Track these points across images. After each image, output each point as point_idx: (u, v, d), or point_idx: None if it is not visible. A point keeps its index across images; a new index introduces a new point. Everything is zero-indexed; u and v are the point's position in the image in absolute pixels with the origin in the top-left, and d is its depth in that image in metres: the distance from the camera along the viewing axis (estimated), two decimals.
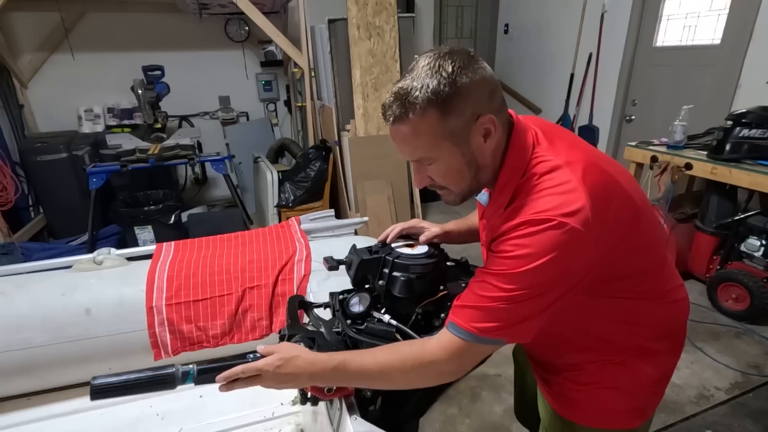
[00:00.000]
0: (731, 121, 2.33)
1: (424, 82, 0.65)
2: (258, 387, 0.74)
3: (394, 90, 0.68)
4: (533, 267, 0.64)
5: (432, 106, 0.64)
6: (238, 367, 0.72)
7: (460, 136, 0.68)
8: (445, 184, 0.74)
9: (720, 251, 2.59)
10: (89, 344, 1.13)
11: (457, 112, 0.66)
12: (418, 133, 0.67)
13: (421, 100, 0.64)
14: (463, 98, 0.65)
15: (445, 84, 0.64)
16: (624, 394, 0.84)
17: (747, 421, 1.81)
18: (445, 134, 0.67)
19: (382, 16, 3.26)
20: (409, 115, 0.66)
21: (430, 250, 0.88)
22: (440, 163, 0.71)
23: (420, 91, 0.64)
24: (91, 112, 3.71)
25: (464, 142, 0.69)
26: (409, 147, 0.70)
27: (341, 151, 3.49)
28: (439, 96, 0.64)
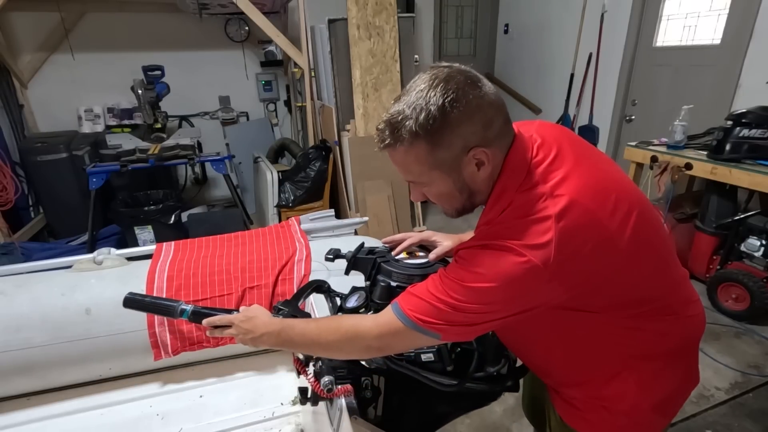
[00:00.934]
0: (731, 121, 2.33)
1: (415, 111, 0.64)
2: (258, 387, 0.75)
3: (386, 116, 0.68)
4: (482, 287, 0.65)
5: (419, 139, 0.65)
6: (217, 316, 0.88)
7: (450, 166, 0.68)
8: (438, 203, 0.76)
9: (720, 251, 2.59)
10: (89, 344, 1.13)
11: (446, 145, 0.66)
12: (408, 161, 0.68)
13: (408, 131, 0.65)
14: (453, 131, 0.65)
15: (433, 117, 0.63)
16: (629, 412, 0.82)
17: (747, 421, 1.81)
18: (434, 164, 0.68)
19: (382, 16, 3.26)
20: (397, 145, 0.67)
21: (427, 263, 0.85)
22: (431, 187, 0.73)
23: (409, 121, 0.64)
24: (91, 112, 3.70)
25: (454, 172, 0.69)
26: (401, 170, 0.72)
27: (341, 151, 3.49)
28: (427, 129, 0.64)
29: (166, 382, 1.24)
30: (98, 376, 1.21)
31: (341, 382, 0.80)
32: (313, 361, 0.86)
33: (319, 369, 0.83)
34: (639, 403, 0.82)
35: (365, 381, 0.84)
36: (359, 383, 0.83)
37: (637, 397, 0.81)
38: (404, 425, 0.91)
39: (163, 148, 2.90)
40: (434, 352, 0.75)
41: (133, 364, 1.22)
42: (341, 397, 0.78)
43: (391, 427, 0.76)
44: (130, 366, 1.22)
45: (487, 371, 0.77)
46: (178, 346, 1.19)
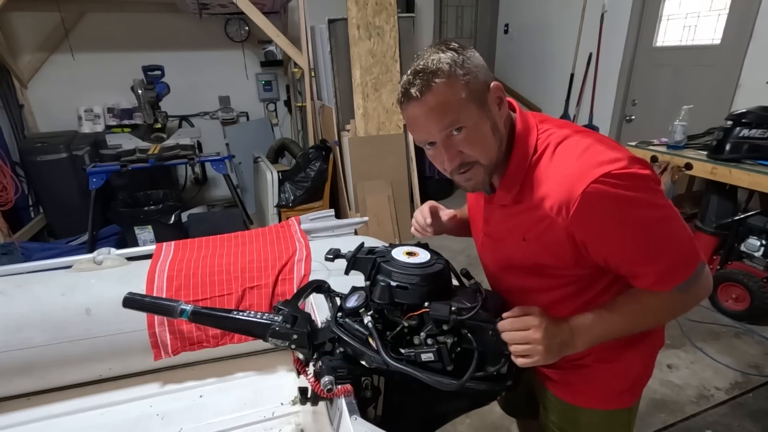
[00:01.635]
0: (731, 121, 2.33)
1: (439, 56, 0.70)
2: (258, 387, 0.74)
3: (410, 71, 0.72)
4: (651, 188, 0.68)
5: (454, 72, 0.69)
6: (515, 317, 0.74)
7: (481, 100, 0.72)
8: (475, 152, 0.74)
9: (720, 251, 2.59)
10: (89, 344, 1.13)
11: (474, 78, 0.71)
12: (447, 97, 0.70)
13: (444, 67, 0.69)
14: (476, 66, 0.72)
15: (458, 55, 0.71)
16: (621, 375, 0.89)
17: (747, 421, 1.81)
18: (469, 97, 0.70)
19: (382, 16, 3.26)
20: (435, 81, 0.69)
21: (427, 263, 0.83)
22: (470, 129, 0.72)
23: (440, 62, 0.69)
24: (91, 112, 3.71)
25: (485, 107, 0.73)
26: (437, 116, 0.71)
27: (341, 151, 3.49)
28: (457, 63, 0.70)
29: (166, 382, 1.24)
30: (98, 376, 1.21)
31: (341, 382, 0.80)
32: (313, 361, 0.86)
33: (319, 369, 0.83)
34: (630, 367, 0.89)
35: (365, 381, 0.84)
36: (359, 383, 0.83)
37: (629, 362, 0.88)
38: (404, 425, 0.91)
39: (163, 148, 2.91)
40: (434, 351, 0.75)
41: (133, 364, 1.22)
42: (341, 397, 0.78)
43: (391, 427, 0.76)
44: (130, 366, 1.22)
45: (487, 371, 0.77)
46: (178, 346, 1.19)
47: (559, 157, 0.72)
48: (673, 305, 0.76)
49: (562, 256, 0.75)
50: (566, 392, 0.93)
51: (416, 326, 0.78)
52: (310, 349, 0.84)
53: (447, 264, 0.85)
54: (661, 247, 0.70)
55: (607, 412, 0.92)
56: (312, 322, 0.87)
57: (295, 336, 0.82)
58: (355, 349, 0.79)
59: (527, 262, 0.81)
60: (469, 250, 0.96)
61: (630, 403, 0.93)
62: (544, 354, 0.70)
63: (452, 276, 0.89)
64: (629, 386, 0.91)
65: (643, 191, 0.67)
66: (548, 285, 0.83)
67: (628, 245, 0.69)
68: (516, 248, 0.81)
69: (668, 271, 0.71)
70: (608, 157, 0.67)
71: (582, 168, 0.68)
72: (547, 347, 0.70)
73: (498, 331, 0.74)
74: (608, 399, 0.91)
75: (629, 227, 0.68)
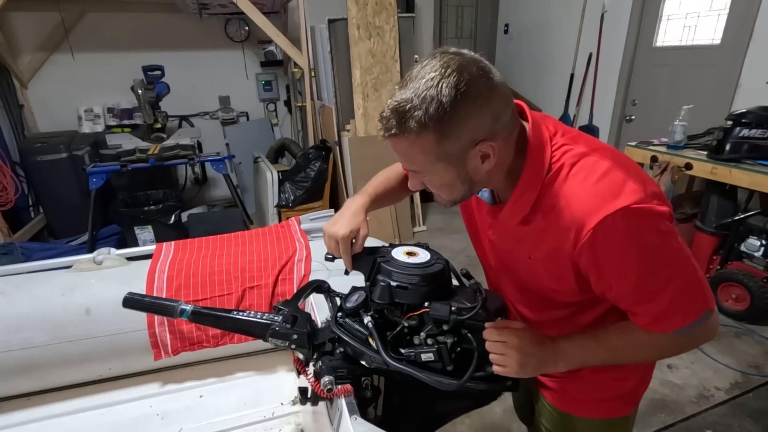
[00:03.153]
0: (731, 121, 2.33)
1: (424, 101, 0.60)
2: (258, 387, 0.74)
3: (393, 103, 0.64)
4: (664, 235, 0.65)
5: (427, 131, 0.61)
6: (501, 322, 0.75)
7: (455, 157, 0.66)
8: (436, 192, 0.75)
9: (720, 251, 2.59)
10: (89, 344, 1.13)
11: (454, 138, 0.63)
12: (413, 151, 0.66)
13: (417, 121, 0.61)
14: (463, 124, 0.62)
15: (444, 109, 0.60)
16: (619, 384, 0.87)
17: (747, 421, 1.81)
18: (439, 156, 0.65)
19: (382, 16, 3.26)
20: (404, 134, 0.63)
21: (427, 263, 0.83)
22: (433, 177, 0.70)
23: (418, 111, 0.60)
24: (91, 112, 3.71)
25: (459, 163, 0.67)
26: (403, 159, 0.71)
27: (341, 151, 3.49)
28: (436, 121, 0.60)
29: (166, 382, 1.24)
30: (98, 376, 1.21)
31: (341, 382, 0.80)
32: (313, 361, 0.86)
33: (319, 369, 0.83)
34: (627, 376, 0.87)
35: (365, 381, 0.84)
36: (359, 383, 0.83)
37: (625, 371, 0.87)
38: (404, 425, 0.91)
39: (163, 148, 2.91)
40: (434, 351, 0.75)
41: (133, 364, 1.22)
42: (341, 397, 0.78)
43: (391, 427, 0.76)
44: (130, 366, 1.22)
45: (487, 371, 0.77)
46: (178, 346, 1.19)
47: (574, 180, 0.67)
48: (666, 346, 0.73)
49: (566, 281, 0.73)
50: (563, 401, 0.91)
51: (416, 326, 0.78)
52: (310, 349, 0.84)
53: (447, 264, 0.85)
54: (663, 291, 0.66)
55: (605, 421, 0.90)
56: (312, 322, 0.87)
57: (295, 336, 0.82)
58: (355, 349, 0.79)
59: (529, 279, 0.80)
60: (469, 250, 0.96)
61: (628, 411, 0.91)
62: (517, 367, 0.71)
63: (452, 276, 0.88)
64: (627, 395, 0.89)
65: (657, 233, 0.64)
66: (544, 305, 0.82)
67: (631, 283, 0.67)
68: (521, 264, 0.79)
69: (667, 315, 0.68)
70: (627, 188, 0.63)
71: (598, 198, 0.64)
72: (521, 362, 0.71)
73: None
74: (606, 408, 0.89)
75: (635, 266, 0.65)
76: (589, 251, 0.65)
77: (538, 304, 0.84)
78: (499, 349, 0.72)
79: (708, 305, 0.68)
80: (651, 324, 0.70)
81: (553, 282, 0.76)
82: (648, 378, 0.92)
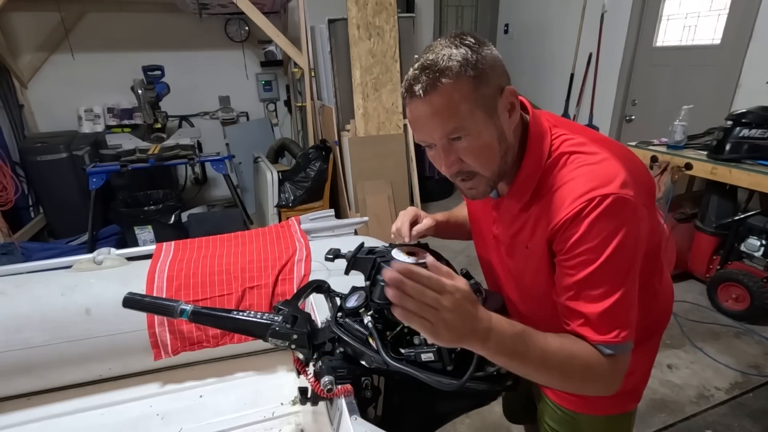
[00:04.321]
0: (731, 121, 2.33)
1: (451, 51, 0.64)
2: (258, 387, 0.74)
3: (417, 65, 0.65)
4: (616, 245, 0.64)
5: (465, 73, 0.63)
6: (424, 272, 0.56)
7: (490, 106, 0.66)
8: (476, 163, 0.69)
9: (720, 251, 2.59)
10: (89, 344, 1.13)
11: (487, 81, 0.65)
12: (452, 100, 0.64)
13: (453, 65, 0.63)
14: (490, 67, 0.65)
15: (473, 52, 0.64)
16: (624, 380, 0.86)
17: (747, 421, 1.81)
18: (478, 102, 0.65)
19: (382, 16, 3.26)
20: (442, 80, 0.62)
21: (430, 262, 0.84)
22: (473, 137, 0.67)
23: (450, 59, 0.63)
24: (91, 112, 3.71)
25: (494, 114, 0.67)
26: (440, 120, 0.65)
27: (341, 151, 3.49)
28: (470, 63, 0.63)
29: (166, 382, 1.24)
30: (98, 376, 1.21)
31: (341, 382, 0.80)
32: (313, 361, 0.86)
33: (319, 369, 0.83)
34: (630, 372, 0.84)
35: (365, 381, 0.84)
36: (359, 383, 0.83)
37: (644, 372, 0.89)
38: (404, 425, 0.91)
39: (163, 148, 2.91)
40: (434, 351, 0.75)
41: (133, 364, 1.22)
42: (341, 397, 0.78)
43: (391, 427, 0.76)
44: (130, 366, 1.22)
45: (487, 371, 0.77)
46: (178, 346, 1.19)
47: (570, 167, 0.69)
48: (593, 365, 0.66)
49: (543, 268, 0.73)
50: (567, 399, 0.91)
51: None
52: (310, 349, 0.84)
53: (447, 264, 0.85)
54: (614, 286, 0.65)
55: (609, 417, 0.90)
56: (312, 322, 0.86)
57: (295, 336, 0.82)
58: (355, 349, 0.79)
59: (527, 274, 0.80)
60: (469, 250, 0.96)
61: (632, 406, 0.92)
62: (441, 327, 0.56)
63: None
64: (631, 390, 0.90)
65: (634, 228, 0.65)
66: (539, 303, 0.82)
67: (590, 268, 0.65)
68: (519, 257, 0.80)
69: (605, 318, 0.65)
70: (618, 179, 0.64)
71: (588, 183, 0.65)
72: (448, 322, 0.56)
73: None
74: (610, 404, 0.88)
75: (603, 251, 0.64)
76: (568, 226, 0.66)
77: (535, 303, 0.84)
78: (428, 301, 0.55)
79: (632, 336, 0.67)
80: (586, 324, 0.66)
81: (538, 274, 0.76)
82: (648, 373, 0.93)
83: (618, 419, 0.91)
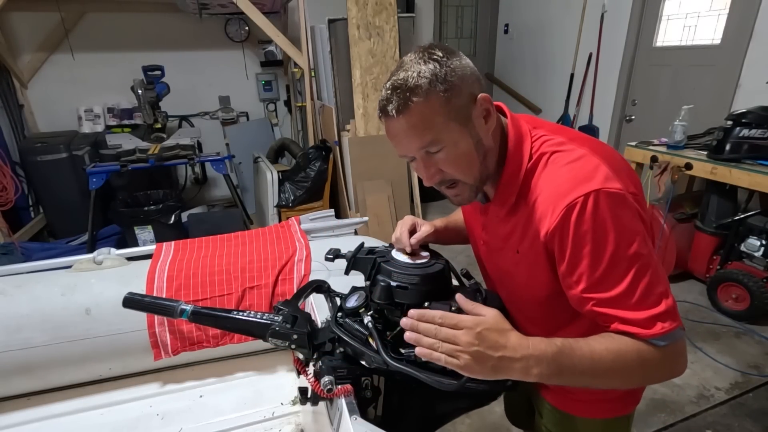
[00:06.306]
0: (731, 121, 2.33)
1: (420, 68, 0.65)
2: (258, 387, 0.74)
3: (389, 85, 0.67)
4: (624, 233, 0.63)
5: (434, 88, 0.65)
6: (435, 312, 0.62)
7: (464, 115, 0.68)
8: (456, 172, 0.72)
9: (720, 251, 2.59)
10: (89, 344, 1.13)
11: (458, 92, 0.66)
12: (425, 117, 0.66)
13: (423, 83, 0.65)
14: (459, 78, 0.67)
15: (441, 66, 0.65)
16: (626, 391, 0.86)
17: (747, 421, 1.81)
18: (450, 114, 0.67)
19: (382, 16, 3.26)
20: (413, 99, 0.65)
21: (427, 263, 0.83)
22: (449, 148, 0.69)
23: (419, 76, 0.65)
24: (91, 112, 3.71)
25: (469, 123, 0.69)
26: (415, 135, 0.68)
27: (341, 151, 3.49)
28: (439, 78, 0.65)
29: (166, 382, 1.24)
30: (98, 376, 1.21)
31: (341, 382, 0.80)
32: (313, 361, 0.86)
33: (319, 369, 0.83)
34: None
35: (365, 381, 0.84)
36: (359, 383, 0.83)
37: None
38: (404, 425, 0.91)
39: (163, 148, 2.91)
40: None
41: (133, 364, 1.22)
42: (341, 397, 0.78)
43: (391, 427, 0.76)
44: (130, 366, 1.22)
45: None
46: (178, 346, 1.19)
47: (551, 168, 0.69)
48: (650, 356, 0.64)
49: (542, 274, 0.72)
50: (564, 402, 0.91)
51: None
52: (310, 349, 0.84)
53: (447, 264, 0.85)
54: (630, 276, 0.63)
55: (607, 420, 0.90)
56: (312, 322, 0.86)
57: (295, 336, 0.82)
58: (355, 349, 0.79)
59: (518, 281, 0.79)
60: (469, 250, 0.96)
61: (629, 410, 0.91)
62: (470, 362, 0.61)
63: (452, 276, 0.88)
64: (629, 394, 0.89)
65: (627, 218, 0.64)
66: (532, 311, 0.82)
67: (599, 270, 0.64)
68: (511, 260, 0.79)
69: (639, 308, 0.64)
70: (600, 173, 0.64)
71: (571, 181, 0.65)
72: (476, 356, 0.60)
73: None
74: (608, 408, 0.89)
75: (604, 249, 0.63)
76: (560, 233, 0.65)
77: (525, 305, 0.83)
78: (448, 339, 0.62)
79: (679, 321, 0.65)
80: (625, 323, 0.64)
81: (534, 278, 0.75)
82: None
83: (616, 422, 0.91)
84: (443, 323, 0.62)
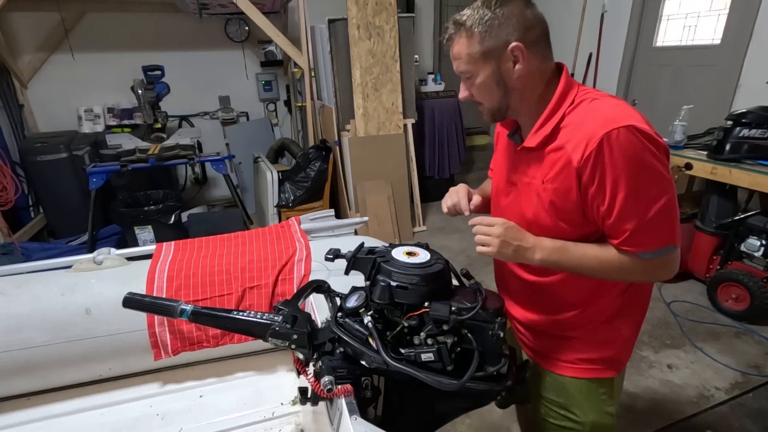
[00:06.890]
0: (731, 121, 2.33)
1: (475, 10, 0.82)
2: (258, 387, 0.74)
3: (453, 18, 0.85)
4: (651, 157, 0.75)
5: (474, 30, 0.81)
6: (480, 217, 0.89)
7: (493, 56, 0.82)
8: (478, 97, 0.88)
9: (720, 251, 2.59)
10: (89, 344, 1.13)
11: (494, 36, 0.81)
12: (462, 50, 0.84)
13: (467, 24, 0.82)
14: (500, 26, 0.80)
15: (488, 12, 0.80)
16: (604, 348, 0.96)
17: (747, 421, 1.81)
18: (481, 53, 0.82)
19: (382, 16, 3.26)
20: (457, 34, 0.84)
21: (427, 262, 0.83)
22: (475, 78, 0.86)
23: (469, 18, 0.82)
24: (91, 112, 3.71)
25: (495, 62, 0.83)
26: (455, 61, 0.87)
27: (341, 151, 3.49)
28: (482, 22, 0.80)
29: (166, 382, 1.24)
30: (98, 376, 1.21)
31: (341, 382, 0.80)
32: (313, 361, 0.86)
33: (319, 369, 0.83)
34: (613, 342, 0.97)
35: (365, 381, 0.84)
36: (359, 383, 0.83)
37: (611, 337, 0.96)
38: (404, 425, 0.91)
39: (163, 148, 2.91)
40: (434, 351, 0.75)
41: (133, 364, 1.22)
42: (341, 397, 0.78)
43: (391, 427, 0.76)
44: (130, 366, 1.22)
45: (487, 371, 0.77)
46: (178, 346, 1.19)
47: (593, 108, 0.81)
48: (630, 267, 0.83)
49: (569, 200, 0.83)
50: (554, 364, 1.00)
51: (416, 326, 0.78)
52: (310, 349, 0.84)
53: (447, 264, 0.85)
54: (649, 211, 0.77)
55: (590, 381, 0.97)
56: (312, 322, 0.86)
57: (295, 336, 0.82)
58: (355, 349, 0.79)
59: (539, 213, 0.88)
60: (469, 250, 0.96)
61: (611, 374, 0.98)
62: (498, 246, 0.85)
63: (452, 276, 0.89)
64: (610, 359, 0.97)
65: (655, 156, 0.75)
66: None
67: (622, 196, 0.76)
68: (537, 192, 0.88)
69: (642, 234, 0.78)
70: (637, 116, 0.77)
71: (610, 117, 0.76)
72: (502, 243, 0.85)
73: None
74: (590, 369, 0.97)
75: (631, 179, 0.75)
76: (594, 160, 0.76)
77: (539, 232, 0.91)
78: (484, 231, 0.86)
79: (675, 240, 0.81)
80: (626, 241, 0.80)
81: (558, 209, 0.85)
82: (631, 344, 1.01)
83: (597, 384, 0.98)
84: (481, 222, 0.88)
